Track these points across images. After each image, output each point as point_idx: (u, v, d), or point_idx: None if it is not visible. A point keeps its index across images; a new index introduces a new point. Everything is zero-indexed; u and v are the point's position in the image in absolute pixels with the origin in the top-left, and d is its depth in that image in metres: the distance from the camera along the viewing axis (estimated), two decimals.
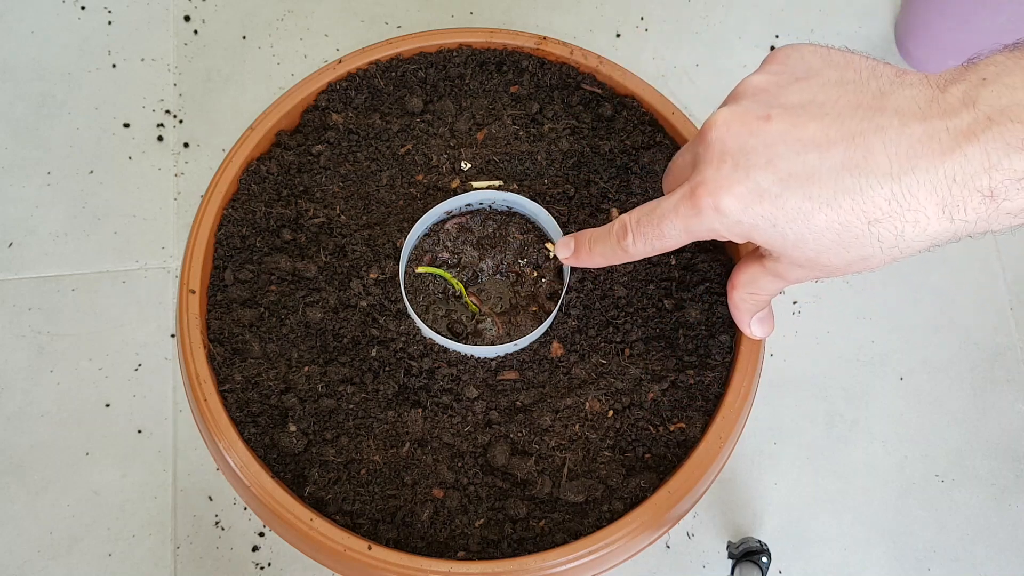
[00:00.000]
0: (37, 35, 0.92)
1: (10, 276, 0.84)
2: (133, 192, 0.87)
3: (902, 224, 0.32)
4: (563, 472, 0.41)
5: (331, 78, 0.49)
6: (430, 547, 0.40)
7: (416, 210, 0.46)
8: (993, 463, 0.82)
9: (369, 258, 0.45)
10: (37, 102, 0.89)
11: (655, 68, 0.94)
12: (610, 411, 0.42)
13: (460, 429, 0.42)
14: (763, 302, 0.41)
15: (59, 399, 0.80)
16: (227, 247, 0.46)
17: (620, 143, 0.48)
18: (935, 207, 0.31)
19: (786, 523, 0.79)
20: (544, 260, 0.47)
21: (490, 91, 0.50)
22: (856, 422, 0.82)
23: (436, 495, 0.41)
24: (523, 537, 0.40)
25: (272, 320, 0.44)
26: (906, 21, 0.93)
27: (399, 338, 0.43)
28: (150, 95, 0.90)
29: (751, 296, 0.40)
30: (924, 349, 0.85)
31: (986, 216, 0.31)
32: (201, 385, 0.42)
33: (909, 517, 0.80)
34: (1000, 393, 0.84)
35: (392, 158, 0.48)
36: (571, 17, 0.95)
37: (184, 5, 0.94)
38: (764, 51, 0.95)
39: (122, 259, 0.85)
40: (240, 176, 0.47)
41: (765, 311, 0.42)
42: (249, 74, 0.92)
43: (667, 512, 0.40)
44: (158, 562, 0.76)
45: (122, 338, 0.82)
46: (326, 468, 0.41)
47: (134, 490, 0.78)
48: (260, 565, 0.76)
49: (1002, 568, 0.79)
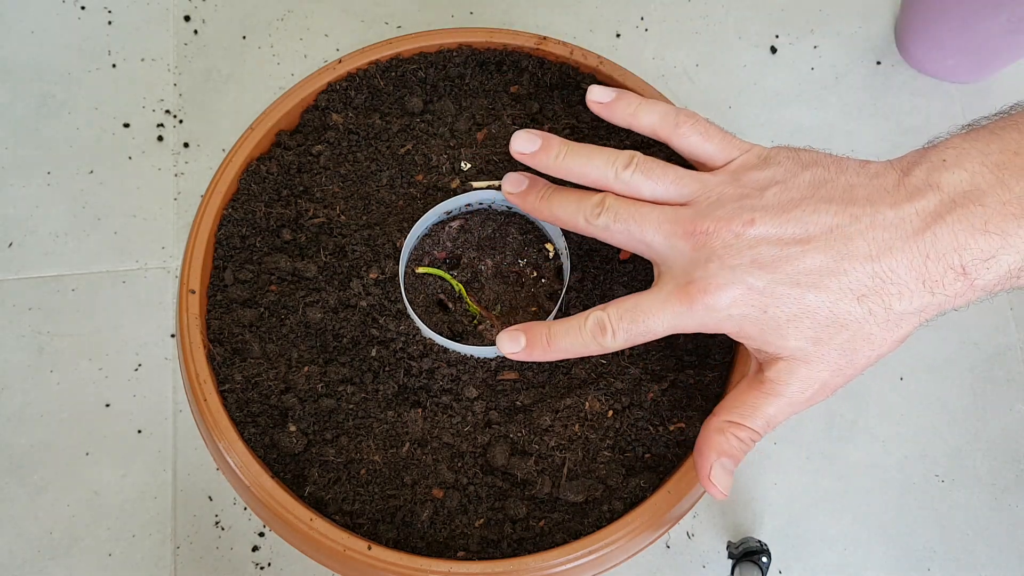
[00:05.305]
0: (37, 35, 0.92)
1: (10, 276, 0.84)
2: (133, 192, 0.87)
3: (888, 298, 0.34)
4: (563, 472, 0.41)
5: (331, 78, 0.49)
6: (430, 547, 0.40)
7: (416, 210, 0.46)
8: (993, 463, 0.82)
9: (369, 258, 0.45)
10: (37, 102, 0.89)
11: (655, 68, 0.94)
12: (610, 411, 0.42)
13: (460, 429, 0.42)
14: (744, 441, 0.37)
15: (59, 399, 0.80)
16: (227, 247, 0.46)
17: (620, 143, 0.48)
18: (916, 282, 0.33)
19: (786, 523, 0.79)
20: (544, 260, 0.47)
21: (490, 91, 0.50)
22: (856, 422, 0.82)
23: (436, 495, 0.41)
24: (523, 537, 0.40)
25: (272, 320, 0.44)
26: (906, 21, 0.93)
27: (399, 338, 0.43)
28: (150, 95, 0.90)
29: (731, 427, 0.37)
30: (924, 349, 0.85)
31: (963, 291, 0.33)
32: (201, 385, 0.42)
33: (909, 517, 0.80)
34: (1000, 393, 0.84)
35: (392, 158, 0.48)
36: (571, 17, 0.95)
37: (184, 5, 0.94)
38: (764, 51, 0.95)
39: (122, 259, 0.85)
40: (240, 176, 0.47)
41: (733, 461, 0.37)
42: (249, 74, 0.92)
43: (667, 512, 0.40)
44: (158, 562, 0.76)
45: (122, 338, 0.82)
46: (326, 468, 0.41)
47: (134, 490, 0.78)
48: (260, 565, 0.76)
49: (1002, 568, 0.79)
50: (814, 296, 0.34)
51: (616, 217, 0.38)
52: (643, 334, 0.37)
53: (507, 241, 0.47)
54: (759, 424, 0.37)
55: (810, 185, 0.36)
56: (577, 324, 0.38)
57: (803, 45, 0.95)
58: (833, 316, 0.34)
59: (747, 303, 0.35)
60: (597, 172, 0.39)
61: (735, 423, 0.37)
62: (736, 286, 0.35)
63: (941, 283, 0.33)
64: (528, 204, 0.41)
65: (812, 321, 0.34)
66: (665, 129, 0.39)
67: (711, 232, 0.35)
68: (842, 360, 0.35)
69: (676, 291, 0.36)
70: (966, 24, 0.86)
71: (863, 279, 0.34)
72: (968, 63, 0.90)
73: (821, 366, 0.35)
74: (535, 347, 0.38)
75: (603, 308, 0.37)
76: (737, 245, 0.35)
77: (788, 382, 0.36)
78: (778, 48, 0.95)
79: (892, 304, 0.34)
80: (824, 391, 0.36)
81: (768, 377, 0.36)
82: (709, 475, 0.37)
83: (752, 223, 0.35)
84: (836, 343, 0.35)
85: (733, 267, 0.35)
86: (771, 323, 0.35)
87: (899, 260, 0.33)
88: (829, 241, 0.34)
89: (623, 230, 0.37)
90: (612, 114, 0.40)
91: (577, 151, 0.39)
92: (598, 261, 0.45)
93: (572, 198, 0.39)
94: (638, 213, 0.37)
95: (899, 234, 0.33)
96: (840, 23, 0.96)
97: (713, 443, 0.37)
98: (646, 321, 0.36)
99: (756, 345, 0.36)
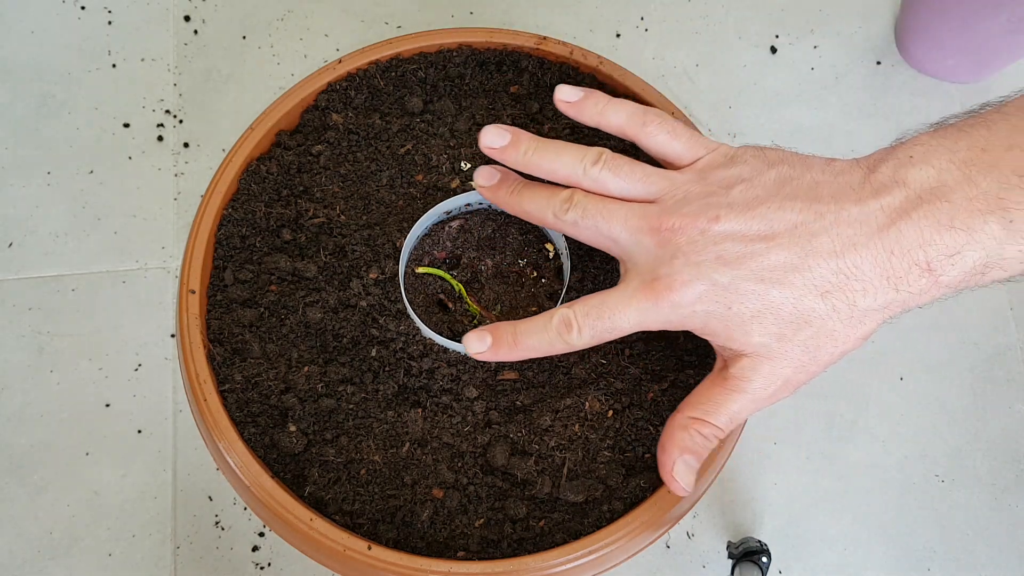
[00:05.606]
0: (37, 35, 0.92)
1: (10, 276, 0.84)
2: (133, 192, 0.87)
3: (852, 294, 0.34)
4: (563, 472, 0.41)
5: (331, 78, 0.49)
6: (430, 547, 0.40)
7: (416, 210, 0.46)
8: (993, 463, 0.82)
9: (369, 258, 0.45)
10: (37, 102, 0.89)
11: (655, 68, 0.94)
12: (610, 411, 0.42)
13: (460, 429, 0.42)
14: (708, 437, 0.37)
15: (59, 399, 0.80)
16: (227, 247, 0.46)
17: (620, 142, 0.48)
18: (880, 278, 0.33)
19: (786, 523, 0.79)
20: (544, 260, 0.47)
21: (490, 91, 0.50)
22: (856, 422, 0.82)
23: (436, 495, 0.41)
24: (523, 537, 0.40)
25: (272, 320, 0.44)
26: (906, 21, 0.93)
27: (399, 338, 0.43)
28: (150, 95, 0.90)
29: (695, 423, 0.37)
30: (924, 349, 0.85)
31: (928, 288, 0.33)
32: (201, 385, 0.42)
33: (909, 517, 0.80)
34: (1000, 393, 0.84)
35: (392, 158, 0.48)
36: (571, 17, 0.95)
37: (184, 5, 0.94)
38: (764, 51, 0.95)
39: (122, 259, 0.85)
40: (240, 176, 0.47)
41: (696, 458, 0.37)
42: (249, 74, 0.92)
43: (667, 512, 0.40)
44: (158, 562, 0.76)
45: (122, 338, 0.82)
46: (326, 468, 0.41)
47: (134, 490, 0.78)
48: (260, 565, 0.76)
49: (1002, 568, 0.79)
50: (778, 292, 0.34)
51: (584, 213, 0.38)
52: (609, 331, 0.37)
53: (507, 241, 0.47)
54: (723, 421, 0.37)
55: (775, 183, 0.36)
56: (543, 322, 0.38)
57: (803, 45, 0.95)
58: (797, 312, 0.34)
59: (712, 299, 0.35)
60: (566, 169, 0.39)
61: (699, 419, 0.37)
62: (701, 282, 0.35)
63: (905, 279, 0.33)
64: (499, 198, 0.41)
65: (776, 317, 0.34)
66: (633, 128, 0.39)
67: (677, 229, 0.36)
68: (805, 357, 0.35)
69: (642, 288, 0.36)
70: (966, 24, 0.86)
71: (827, 275, 0.34)
72: (968, 63, 0.90)
73: (785, 362, 0.35)
74: (501, 346, 0.38)
75: (569, 306, 0.37)
76: (702, 242, 0.35)
77: (752, 378, 0.36)
78: (778, 48, 0.95)
79: (856, 300, 0.34)
80: (787, 387, 0.36)
81: (732, 374, 0.36)
82: (672, 471, 0.37)
83: (717, 220, 0.35)
84: (800, 339, 0.35)
85: (698, 263, 0.35)
86: (735, 319, 0.35)
87: (863, 256, 0.33)
88: (793, 238, 0.34)
89: (591, 226, 0.38)
90: (580, 113, 0.40)
91: (546, 147, 0.39)
92: (598, 261, 0.45)
93: (542, 193, 0.39)
94: (606, 209, 0.37)
95: (864, 230, 0.33)
96: (840, 23, 0.96)
97: (676, 440, 0.37)
98: (612, 318, 0.36)
99: (721, 342, 0.36)
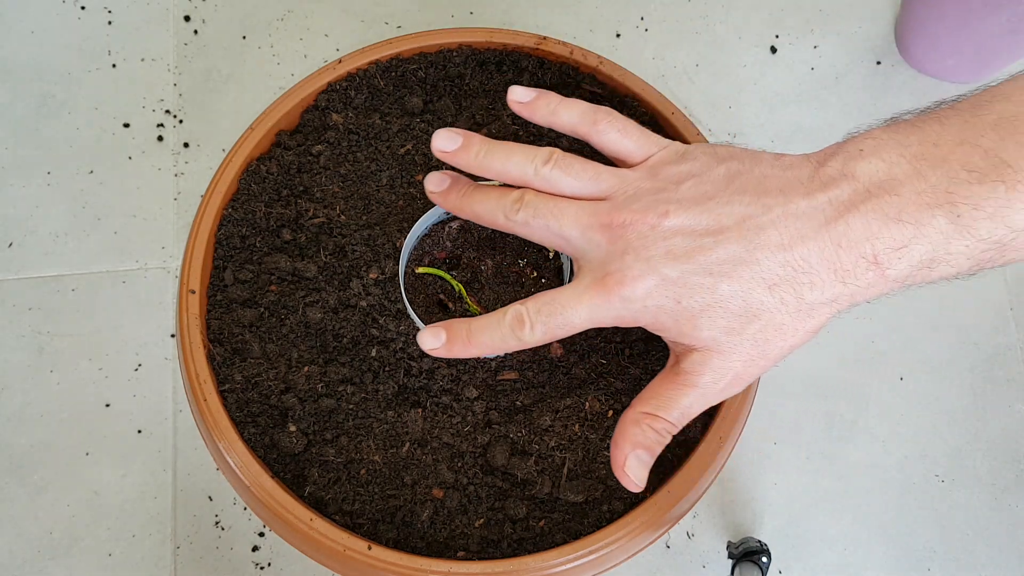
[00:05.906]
0: (37, 35, 0.92)
1: (10, 276, 0.84)
2: (133, 192, 0.87)
3: (800, 287, 0.34)
4: (563, 472, 0.41)
5: (331, 78, 0.49)
6: (430, 547, 0.40)
7: (416, 210, 0.46)
8: (993, 463, 0.82)
9: (369, 258, 0.45)
10: (37, 102, 0.89)
11: (655, 68, 0.94)
12: (610, 411, 0.42)
13: (460, 429, 0.42)
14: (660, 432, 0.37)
15: (59, 399, 0.80)
16: (227, 247, 0.46)
17: None
18: (827, 271, 0.33)
19: (786, 523, 0.79)
20: (544, 260, 0.47)
21: (490, 91, 0.50)
22: (856, 422, 0.82)
23: (436, 495, 0.41)
24: (523, 537, 0.40)
25: (272, 320, 0.44)
26: (906, 21, 0.93)
27: (399, 338, 0.43)
28: (150, 95, 0.90)
29: (647, 418, 0.37)
30: (924, 349, 0.85)
31: (875, 282, 0.33)
32: (201, 385, 0.42)
33: (909, 517, 0.80)
34: (1000, 393, 0.84)
35: (392, 158, 0.48)
36: (571, 17, 0.95)
37: (184, 5, 0.94)
38: (764, 51, 0.95)
39: (122, 259, 0.85)
40: (240, 176, 0.47)
41: (648, 453, 0.37)
42: (249, 74, 0.92)
43: (667, 512, 0.40)
44: (158, 562, 0.76)
45: (122, 338, 0.82)
46: (326, 468, 0.41)
47: (134, 490, 0.78)
48: (260, 565, 0.76)
49: (1002, 568, 0.79)
50: (727, 285, 0.34)
51: (535, 213, 0.38)
52: (561, 327, 0.37)
53: (507, 241, 0.47)
54: (675, 416, 0.37)
55: (725, 178, 0.36)
56: (497, 319, 0.38)
57: (803, 45, 0.95)
58: (745, 306, 0.34)
59: (662, 294, 0.35)
60: (517, 169, 0.39)
61: (651, 415, 0.37)
62: (651, 277, 0.35)
63: (853, 272, 0.33)
64: (450, 203, 0.41)
65: (725, 311, 0.34)
66: (584, 126, 0.39)
67: (627, 224, 0.36)
68: (754, 351, 0.35)
69: (593, 284, 0.36)
70: (966, 24, 0.86)
71: (775, 268, 0.34)
72: (968, 63, 0.90)
73: (734, 356, 0.35)
74: (455, 342, 0.38)
75: (523, 303, 0.37)
76: (652, 237, 0.35)
77: (702, 372, 0.36)
78: (778, 48, 0.95)
79: (804, 294, 0.34)
80: (737, 382, 0.36)
81: (683, 368, 0.36)
82: (624, 466, 0.37)
83: (667, 215, 0.35)
84: (748, 333, 0.35)
85: (648, 258, 0.35)
86: (685, 314, 0.35)
87: (811, 249, 0.33)
88: (742, 231, 0.34)
89: (542, 226, 0.38)
90: (533, 113, 0.40)
91: (497, 148, 0.39)
92: None
93: (492, 195, 0.39)
94: (556, 208, 0.37)
95: (811, 223, 0.33)
96: (840, 23, 0.96)
97: (629, 435, 0.37)
98: (564, 314, 0.36)
99: (671, 337, 0.36)
